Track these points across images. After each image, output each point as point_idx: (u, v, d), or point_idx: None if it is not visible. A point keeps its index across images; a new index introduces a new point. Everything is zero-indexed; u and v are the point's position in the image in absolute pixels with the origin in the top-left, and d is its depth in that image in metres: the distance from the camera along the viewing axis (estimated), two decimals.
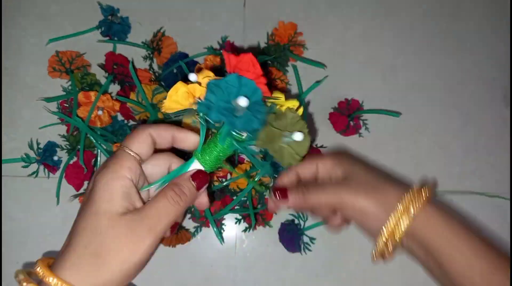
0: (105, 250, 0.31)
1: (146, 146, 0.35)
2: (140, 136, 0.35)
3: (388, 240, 0.38)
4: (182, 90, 0.34)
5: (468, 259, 0.36)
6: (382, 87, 0.62)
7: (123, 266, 0.31)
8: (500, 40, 0.64)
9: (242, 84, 0.32)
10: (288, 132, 0.33)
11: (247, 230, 0.56)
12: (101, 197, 0.32)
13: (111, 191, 0.32)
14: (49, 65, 0.57)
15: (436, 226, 0.37)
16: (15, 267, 0.56)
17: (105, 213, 0.32)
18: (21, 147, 0.57)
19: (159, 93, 0.55)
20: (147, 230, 0.32)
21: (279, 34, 0.58)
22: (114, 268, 0.31)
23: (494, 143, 0.62)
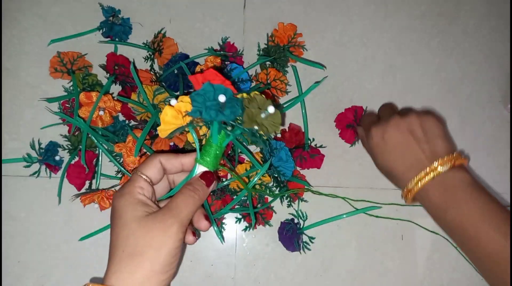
0: (140, 247, 0.35)
1: (156, 170, 0.41)
2: (151, 163, 0.41)
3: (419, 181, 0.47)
4: (170, 112, 0.40)
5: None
6: (381, 87, 0.62)
7: (159, 255, 0.35)
8: (499, 40, 0.64)
9: (215, 88, 0.40)
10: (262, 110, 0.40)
11: (247, 229, 0.57)
12: (125, 210, 0.38)
13: (130, 203, 0.38)
14: (50, 66, 0.57)
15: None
16: (16, 267, 0.56)
17: (133, 219, 0.37)
18: (23, 147, 0.57)
19: (160, 94, 0.56)
20: (171, 217, 0.37)
21: (279, 35, 0.59)
22: (151, 259, 0.35)
23: (493, 143, 0.63)
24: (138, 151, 0.52)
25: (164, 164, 0.42)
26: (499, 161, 0.62)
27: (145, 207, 0.38)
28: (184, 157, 0.43)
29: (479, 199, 0.44)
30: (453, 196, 0.45)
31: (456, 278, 0.60)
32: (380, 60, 0.63)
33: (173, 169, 0.43)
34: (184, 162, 0.43)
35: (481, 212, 0.43)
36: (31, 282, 0.56)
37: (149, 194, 0.40)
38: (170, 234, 0.36)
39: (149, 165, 0.41)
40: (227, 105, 0.40)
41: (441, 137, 0.48)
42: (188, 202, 0.39)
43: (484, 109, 0.63)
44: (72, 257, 0.57)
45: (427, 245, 0.60)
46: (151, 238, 0.36)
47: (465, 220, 0.44)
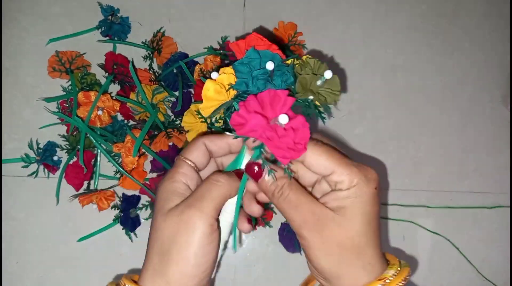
0: (166, 244, 0.32)
1: (201, 154, 0.37)
2: (195, 146, 0.37)
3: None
4: (213, 87, 0.34)
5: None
6: (382, 86, 0.62)
7: (186, 255, 0.31)
8: (500, 40, 0.64)
9: (261, 55, 0.34)
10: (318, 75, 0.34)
11: None
12: (160, 199, 0.34)
13: (166, 190, 0.34)
14: (49, 65, 0.57)
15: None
16: (15, 267, 0.56)
17: (160, 211, 0.33)
18: (21, 147, 0.57)
19: (159, 93, 0.55)
20: (192, 208, 0.32)
21: (279, 34, 0.58)
22: (179, 258, 0.31)
23: (493, 143, 0.62)
24: (136, 151, 0.52)
25: (209, 146, 0.37)
26: (500, 161, 0.62)
27: (179, 197, 0.34)
28: (231, 137, 0.37)
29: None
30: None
31: (457, 278, 0.60)
32: (381, 59, 0.62)
33: (219, 151, 0.37)
34: (231, 142, 0.37)
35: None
36: (30, 283, 0.56)
37: (193, 181, 0.36)
38: (193, 228, 0.31)
39: (193, 148, 0.36)
40: (276, 73, 0.33)
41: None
42: (211, 189, 0.33)
43: (485, 109, 0.63)
44: (71, 257, 0.56)
45: (428, 245, 0.60)
46: (174, 235, 0.32)
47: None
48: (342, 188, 0.32)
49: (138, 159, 0.53)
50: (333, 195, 0.32)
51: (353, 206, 0.32)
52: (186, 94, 0.56)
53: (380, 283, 0.31)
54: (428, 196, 0.61)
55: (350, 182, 0.32)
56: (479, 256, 0.60)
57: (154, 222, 0.33)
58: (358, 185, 0.32)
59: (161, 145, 0.53)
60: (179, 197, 0.34)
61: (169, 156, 0.54)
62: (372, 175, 0.33)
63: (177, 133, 0.54)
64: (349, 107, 0.61)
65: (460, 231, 0.60)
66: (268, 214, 0.56)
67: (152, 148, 0.53)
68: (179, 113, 0.55)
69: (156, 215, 0.34)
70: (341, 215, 0.32)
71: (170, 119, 0.56)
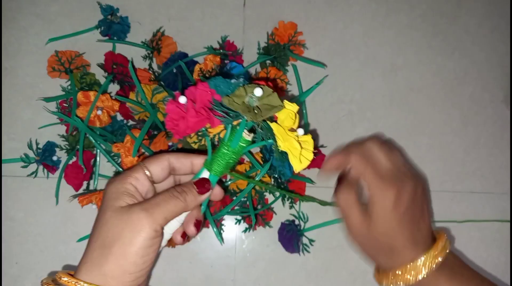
0: (110, 240, 0.33)
1: (160, 168, 0.39)
2: (158, 159, 0.39)
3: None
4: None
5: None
6: (382, 86, 0.62)
7: (127, 252, 0.33)
8: (500, 40, 0.64)
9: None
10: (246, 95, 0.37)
11: (247, 231, 0.56)
12: (108, 196, 0.36)
13: (115, 190, 0.36)
14: (48, 65, 0.56)
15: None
16: (14, 268, 0.56)
17: (110, 208, 0.35)
18: (21, 147, 0.57)
19: (159, 93, 0.55)
20: (143, 212, 0.34)
21: (279, 34, 0.58)
22: (119, 255, 0.33)
23: (494, 143, 0.62)
24: (136, 151, 0.51)
25: (172, 163, 0.39)
26: (501, 161, 0.62)
27: (129, 198, 0.36)
28: (196, 158, 0.40)
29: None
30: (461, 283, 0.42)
31: None
32: (381, 59, 0.62)
33: (182, 168, 0.40)
34: (195, 163, 0.40)
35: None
36: (29, 283, 0.56)
37: (143, 188, 0.37)
38: (139, 229, 0.33)
39: (155, 160, 0.39)
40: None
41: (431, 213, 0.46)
42: (168, 201, 0.36)
43: (486, 108, 0.63)
44: (70, 258, 0.56)
45: None
46: (120, 232, 0.33)
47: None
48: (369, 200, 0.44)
49: (138, 159, 0.53)
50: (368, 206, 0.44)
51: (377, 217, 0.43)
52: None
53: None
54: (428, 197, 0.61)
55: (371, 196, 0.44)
56: (479, 256, 0.60)
57: (102, 217, 0.35)
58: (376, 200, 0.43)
59: (160, 145, 0.53)
60: (128, 197, 0.36)
61: None
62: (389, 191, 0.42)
63: None
64: (349, 107, 0.61)
65: (460, 231, 0.60)
66: (268, 215, 0.56)
67: (152, 148, 0.53)
68: None
69: (105, 211, 0.35)
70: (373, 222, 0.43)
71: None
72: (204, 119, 0.37)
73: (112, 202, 0.35)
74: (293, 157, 0.37)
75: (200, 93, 0.37)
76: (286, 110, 0.37)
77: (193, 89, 0.38)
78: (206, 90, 0.37)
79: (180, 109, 0.38)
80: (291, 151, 0.37)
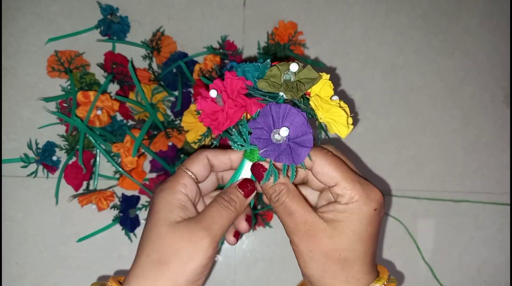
0: (166, 256, 0.33)
1: (202, 167, 0.37)
2: (198, 158, 0.37)
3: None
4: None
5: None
6: (382, 86, 0.62)
7: (185, 269, 0.32)
8: (501, 40, 0.64)
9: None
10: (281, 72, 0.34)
11: None
12: (160, 208, 0.35)
13: (168, 203, 0.35)
14: (48, 65, 0.56)
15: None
16: (14, 268, 0.55)
17: (165, 221, 0.34)
18: (20, 147, 0.57)
19: (159, 93, 0.55)
20: (203, 230, 0.33)
21: (279, 34, 0.58)
22: (176, 272, 0.32)
23: (494, 143, 0.62)
24: (136, 151, 0.51)
25: (211, 160, 0.38)
26: (501, 161, 0.62)
27: (182, 211, 0.35)
28: (234, 153, 0.38)
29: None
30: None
31: (458, 279, 0.60)
32: (382, 59, 0.62)
33: (220, 165, 0.38)
34: (234, 158, 0.38)
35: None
36: (29, 283, 0.56)
37: (192, 192, 0.36)
38: (200, 248, 0.33)
39: (195, 160, 0.37)
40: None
41: None
42: (222, 214, 0.35)
43: (486, 108, 0.63)
44: (70, 258, 0.56)
45: (429, 246, 0.59)
46: (179, 249, 0.33)
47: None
48: (341, 202, 0.33)
49: (138, 159, 0.53)
50: (331, 206, 0.34)
51: (347, 221, 0.33)
52: (185, 93, 0.56)
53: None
54: (429, 196, 0.60)
55: (350, 197, 0.33)
56: (479, 257, 0.60)
57: (155, 231, 0.34)
58: (357, 202, 0.33)
59: (160, 145, 0.53)
60: (182, 210, 0.35)
61: (169, 156, 0.54)
62: (375, 196, 0.33)
63: (177, 133, 0.54)
64: (350, 106, 0.61)
65: (461, 232, 0.60)
66: (268, 215, 0.56)
67: (152, 148, 0.53)
68: (179, 113, 0.55)
69: (159, 225, 0.34)
70: (333, 228, 0.33)
71: (170, 119, 0.56)
72: (242, 107, 0.35)
73: (165, 215, 0.34)
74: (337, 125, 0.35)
75: (231, 82, 0.35)
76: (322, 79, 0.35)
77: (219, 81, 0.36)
78: (236, 78, 0.35)
79: (214, 103, 0.36)
80: (336, 119, 0.35)
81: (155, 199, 0.36)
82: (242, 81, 0.35)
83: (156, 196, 0.36)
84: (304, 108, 0.34)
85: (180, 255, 0.32)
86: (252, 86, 0.35)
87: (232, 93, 0.35)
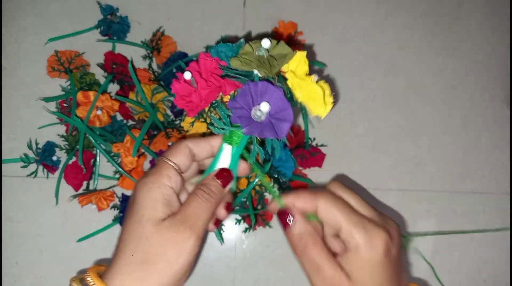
0: (152, 256, 0.32)
1: (184, 157, 0.37)
2: (178, 148, 0.37)
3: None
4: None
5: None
6: (383, 86, 0.62)
7: (171, 269, 0.32)
8: (501, 40, 0.64)
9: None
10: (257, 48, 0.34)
11: (247, 231, 0.56)
12: (144, 205, 0.34)
13: (152, 198, 0.34)
14: (48, 65, 0.56)
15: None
16: (14, 268, 0.56)
17: (148, 220, 0.33)
18: (20, 147, 0.57)
19: (158, 93, 0.55)
20: (188, 230, 0.33)
21: (279, 33, 0.58)
22: (162, 272, 0.32)
23: (494, 143, 0.62)
24: (136, 151, 0.51)
25: (192, 149, 0.37)
26: (501, 161, 0.62)
27: (167, 207, 0.34)
28: (213, 139, 0.38)
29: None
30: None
31: (458, 279, 0.60)
32: (382, 59, 0.62)
33: (202, 153, 0.38)
34: (214, 144, 0.38)
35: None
36: (30, 283, 0.56)
37: (177, 184, 0.36)
38: (185, 248, 0.33)
39: (177, 150, 0.37)
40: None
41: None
42: (204, 208, 0.35)
43: (486, 108, 0.63)
44: (70, 258, 0.56)
45: (429, 246, 0.59)
46: (165, 250, 0.32)
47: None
48: (351, 250, 0.33)
49: (138, 159, 0.53)
50: (345, 257, 0.33)
51: (362, 272, 0.32)
52: None
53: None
54: (429, 196, 0.60)
55: (355, 245, 0.32)
56: (479, 257, 0.60)
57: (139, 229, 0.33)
58: (364, 250, 0.32)
59: (160, 145, 0.53)
60: (166, 205, 0.34)
61: None
62: (379, 238, 0.32)
63: (177, 133, 0.54)
64: (350, 107, 0.61)
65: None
66: (268, 215, 0.56)
67: (152, 148, 0.53)
68: (179, 113, 0.55)
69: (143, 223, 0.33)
70: (354, 282, 0.32)
71: (170, 119, 0.56)
72: (216, 88, 0.35)
73: (149, 212, 0.33)
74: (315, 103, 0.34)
75: (204, 63, 0.35)
76: (297, 56, 0.35)
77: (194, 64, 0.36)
78: (209, 59, 0.35)
79: (188, 85, 0.36)
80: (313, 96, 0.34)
81: (138, 193, 0.34)
82: (216, 62, 0.35)
83: (139, 190, 0.34)
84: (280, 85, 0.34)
85: (166, 256, 0.32)
86: (226, 66, 0.35)
87: (206, 74, 0.35)
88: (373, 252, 0.32)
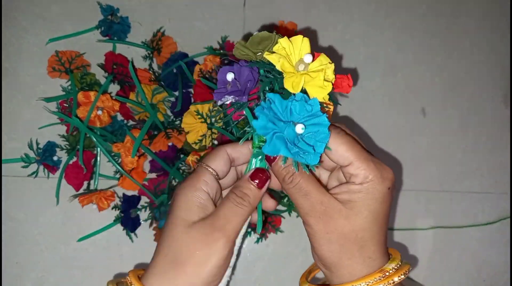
0: (182, 256, 0.33)
1: (223, 162, 0.37)
2: (218, 154, 0.37)
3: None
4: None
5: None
6: (382, 86, 0.62)
7: (200, 271, 0.33)
8: (500, 40, 0.64)
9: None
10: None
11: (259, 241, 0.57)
12: (179, 207, 0.35)
13: (187, 201, 0.35)
14: (48, 65, 0.56)
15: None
16: (14, 268, 0.56)
17: (181, 221, 0.34)
18: (21, 147, 0.57)
19: (159, 93, 0.55)
20: (217, 232, 0.33)
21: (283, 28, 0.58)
22: (191, 273, 0.32)
23: (494, 143, 0.62)
24: (136, 151, 0.51)
25: (231, 154, 0.37)
26: (501, 161, 0.62)
27: (201, 210, 0.34)
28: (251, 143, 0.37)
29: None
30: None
31: (457, 278, 0.60)
32: (381, 59, 0.62)
33: (241, 157, 0.38)
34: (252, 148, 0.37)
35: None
36: (30, 283, 0.56)
37: (213, 190, 0.36)
38: (215, 249, 0.33)
39: (215, 156, 0.37)
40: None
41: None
42: (236, 212, 0.34)
43: (486, 108, 0.63)
44: (71, 258, 0.56)
45: (428, 245, 0.59)
46: (194, 251, 0.33)
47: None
48: (355, 182, 0.33)
49: (138, 159, 0.53)
50: (345, 188, 0.33)
51: (363, 201, 0.32)
52: (185, 94, 0.56)
53: (379, 275, 0.32)
54: (428, 196, 0.61)
55: (364, 177, 0.32)
56: (479, 257, 0.60)
57: (172, 230, 0.34)
58: (372, 182, 0.32)
59: (160, 145, 0.53)
60: (201, 209, 0.35)
61: (168, 156, 0.54)
62: (388, 174, 0.33)
63: (177, 133, 0.54)
64: (350, 107, 0.61)
65: (460, 231, 0.60)
66: (277, 220, 0.56)
67: (152, 148, 0.53)
68: (179, 113, 0.55)
69: (176, 224, 0.34)
70: (349, 208, 0.32)
71: (170, 119, 0.56)
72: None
73: (183, 214, 0.34)
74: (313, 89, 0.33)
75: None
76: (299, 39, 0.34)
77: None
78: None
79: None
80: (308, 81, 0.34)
81: (176, 197, 0.35)
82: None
83: (177, 194, 0.35)
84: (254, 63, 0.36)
85: (195, 257, 0.33)
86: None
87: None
88: (381, 186, 0.32)
